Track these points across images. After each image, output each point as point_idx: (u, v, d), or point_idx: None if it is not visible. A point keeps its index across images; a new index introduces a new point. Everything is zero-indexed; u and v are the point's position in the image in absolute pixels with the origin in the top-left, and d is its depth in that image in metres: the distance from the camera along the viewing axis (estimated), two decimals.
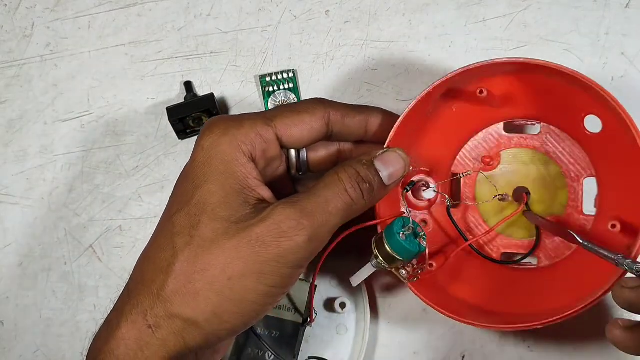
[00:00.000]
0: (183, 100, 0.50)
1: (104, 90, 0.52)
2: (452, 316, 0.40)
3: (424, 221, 0.46)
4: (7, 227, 0.51)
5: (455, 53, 0.50)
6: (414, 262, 0.40)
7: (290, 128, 0.40)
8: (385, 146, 0.41)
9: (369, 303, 0.47)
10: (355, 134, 0.43)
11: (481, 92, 0.41)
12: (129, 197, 0.51)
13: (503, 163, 0.45)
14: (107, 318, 0.37)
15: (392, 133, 0.41)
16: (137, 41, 0.52)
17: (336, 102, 0.42)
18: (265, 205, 0.36)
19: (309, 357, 0.46)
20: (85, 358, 0.37)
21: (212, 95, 0.49)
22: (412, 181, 0.43)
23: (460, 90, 0.43)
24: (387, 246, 0.39)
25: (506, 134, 0.45)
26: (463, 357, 0.48)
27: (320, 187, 0.37)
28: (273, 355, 0.45)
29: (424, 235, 0.40)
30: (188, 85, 0.50)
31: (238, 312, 0.35)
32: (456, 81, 0.41)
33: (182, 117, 0.48)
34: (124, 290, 0.37)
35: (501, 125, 0.45)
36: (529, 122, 0.45)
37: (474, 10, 0.50)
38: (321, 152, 0.44)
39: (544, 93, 0.42)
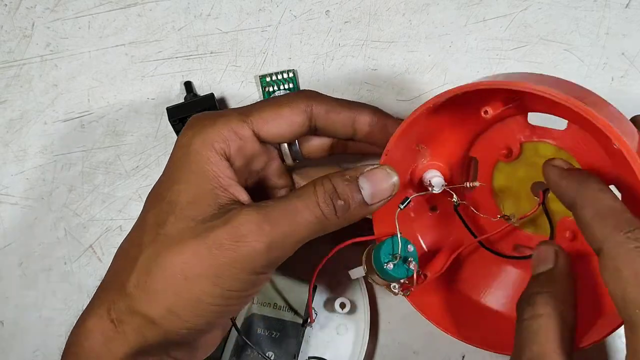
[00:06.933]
0: (183, 100, 0.50)
1: (104, 90, 0.52)
2: (446, 330, 0.40)
3: (435, 207, 0.45)
4: (7, 227, 0.51)
5: (455, 53, 0.50)
6: (404, 280, 0.39)
7: (268, 123, 0.39)
8: (382, 156, 0.39)
9: (369, 303, 0.47)
10: (341, 130, 0.41)
11: (486, 112, 0.36)
12: (129, 197, 0.51)
13: (524, 155, 0.42)
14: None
15: (388, 147, 0.39)
16: (137, 41, 0.52)
17: (323, 96, 0.41)
18: (234, 207, 0.35)
19: (309, 357, 0.46)
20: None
21: (212, 95, 0.49)
22: (407, 197, 0.40)
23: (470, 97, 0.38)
24: (375, 268, 0.38)
25: (530, 125, 0.40)
26: (463, 357, 0.48)
27: (293, 195, 0.36)
28: (273, 355, 0.45)
29: (415, 255, 0.38)
30: (188, 85, 0.50)
31: (195, 312, 0.35)
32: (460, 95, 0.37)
33: (182, 117, 0.48)
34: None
35: (526, 115, 0.40)
36: (556, 115, 0.39)
37: (474, 10, 0.50)
38: (314, 142, 0.43)
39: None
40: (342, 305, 0.47)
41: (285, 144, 0.41)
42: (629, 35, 0.48)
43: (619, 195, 0.37)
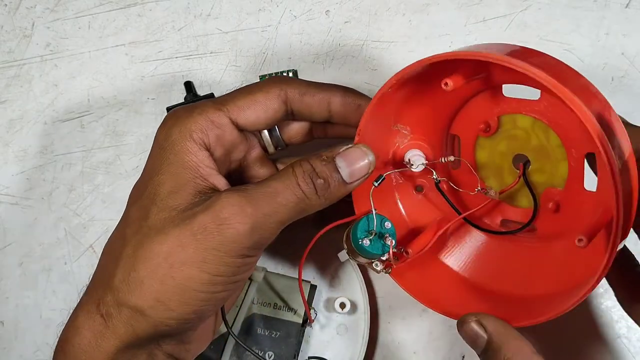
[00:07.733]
0: (183, 100, 0.50)
1: (104, 90, 0.52)
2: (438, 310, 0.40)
3: (421, 186, 0.44)
4: (7, 227, 0.51)
5: None
6: (385, 256, 0.39)
7: (244, 110, 0.39)
8: (356, 136, 0.39)
9: (369, 303, 0.47)
10: (317, 113, 0.41)
11: (446, 84, 0.35)
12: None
13: (503, 129, 0.41)
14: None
15: (360, 126, 0.39)
16: (137, 41, 0.52)
17: (297, 80, 0.41)
18: (214, 194, 0.36)
19: (309, 357, 0.46)
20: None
21: (212, 95, 0.49)
22: (381, 175, 0.40)
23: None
24: (353, 247, 0.39)
25: (506, 97, 0.40)
26: (463, 357, 0.48)
27: (272, 178, 0.36)
28: (273, 355, 0.45)
29: (392, 232, 0.38)
30: (188, 85, 0.50)
31: (182, 300, 0.34)
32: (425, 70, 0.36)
33: None
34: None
35: (501, 88, 0.40)
36: (525, 85, 0.38)
37: (474, 10, 0.50)
38: (294, 126, 0.43)
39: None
40: (342, 305, 0.47)
41: (266, 131, 0.41)
42: (629, 35, 0.48)
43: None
